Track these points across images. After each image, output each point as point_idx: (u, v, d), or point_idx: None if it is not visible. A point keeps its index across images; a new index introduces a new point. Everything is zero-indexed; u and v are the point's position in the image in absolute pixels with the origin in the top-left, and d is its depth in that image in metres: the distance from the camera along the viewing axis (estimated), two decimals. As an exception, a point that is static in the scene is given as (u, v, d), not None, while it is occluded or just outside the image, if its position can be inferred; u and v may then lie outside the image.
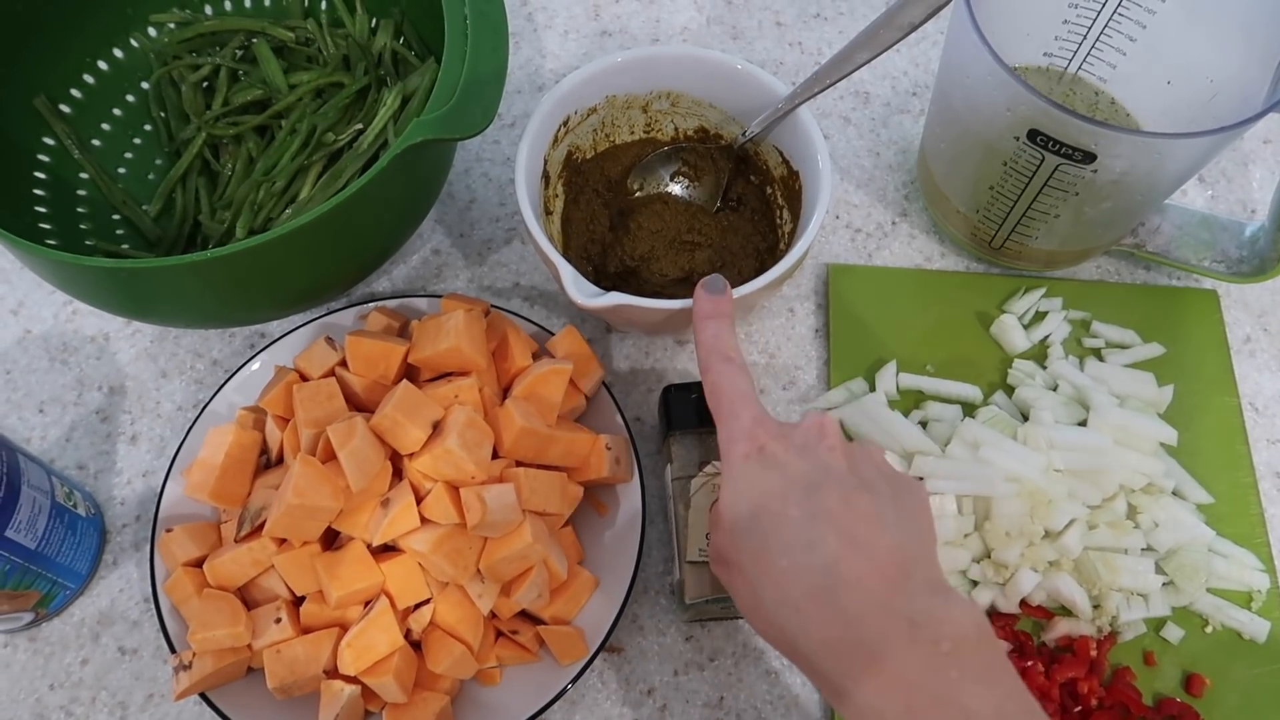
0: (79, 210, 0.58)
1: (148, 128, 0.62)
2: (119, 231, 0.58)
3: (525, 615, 0.48)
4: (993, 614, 0.51)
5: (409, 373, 0.50)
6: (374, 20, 0.61)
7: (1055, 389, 0.56)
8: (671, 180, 0.60)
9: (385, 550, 0.46)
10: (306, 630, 0.45)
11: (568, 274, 0.48)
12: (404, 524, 0.44)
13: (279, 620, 0.45)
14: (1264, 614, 0.51)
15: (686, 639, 0.51)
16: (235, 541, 0.46)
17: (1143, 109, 0.60)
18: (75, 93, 0.59)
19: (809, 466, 0.37)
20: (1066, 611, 0.51)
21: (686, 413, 0.50)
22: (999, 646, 0.34)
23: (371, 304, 0.55)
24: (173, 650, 0.46)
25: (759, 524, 0.37)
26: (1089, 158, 0.48)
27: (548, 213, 0.57)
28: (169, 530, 0.48)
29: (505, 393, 0.50)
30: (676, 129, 0.60)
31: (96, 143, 0.60)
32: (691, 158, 0.60)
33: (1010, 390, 0.57)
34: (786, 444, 0.38)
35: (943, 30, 0.70)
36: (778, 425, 0.39)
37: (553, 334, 0.53)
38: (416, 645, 0.46)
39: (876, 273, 0.61)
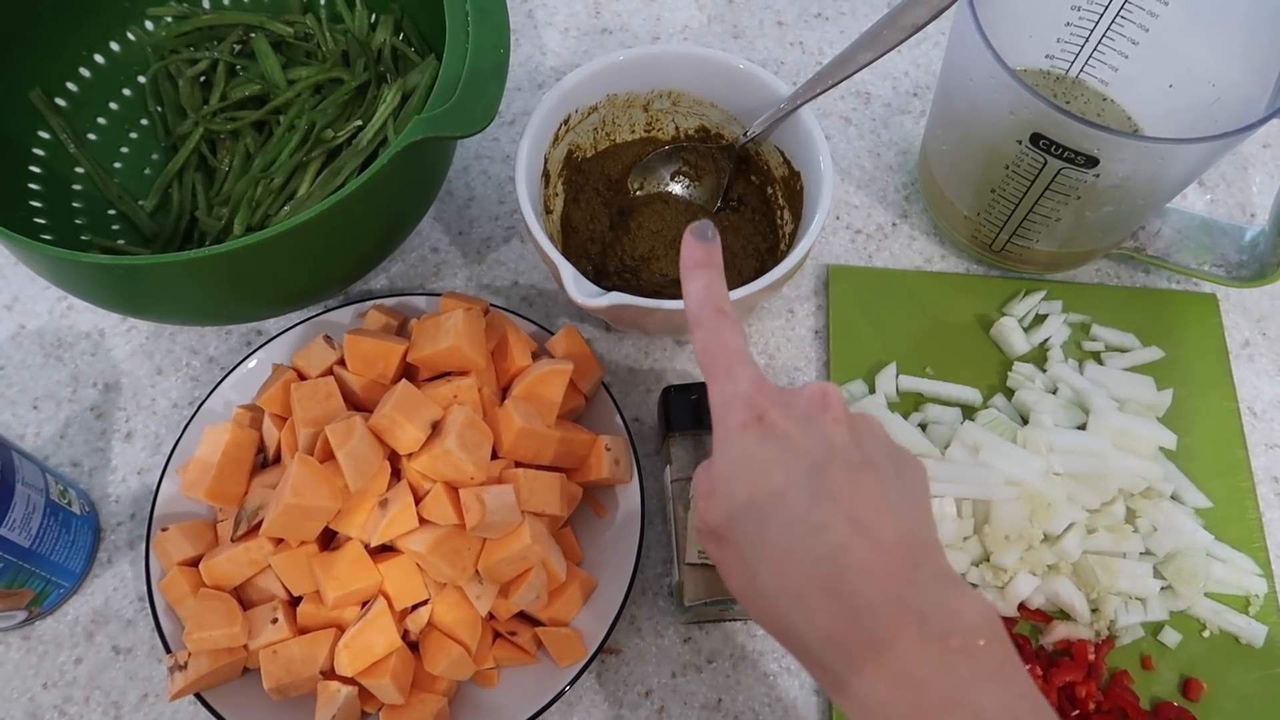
0: (74, 205, 0.57)
1: (144, 122, 0.61)
2: (115, 227, 0.58)
3: (523, 616, 0.48)
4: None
5: (408, 372, 0.50)
6: (373, 16, 0.61)
7: (1055, 392, 0.56)
8: (672, 180, 0.60)
9: (383, 551, 0.46)
10: (303, 631, 0.45)
11: (568, 273, 0.47)
12: (402, 524, 0.44)
13: (275, 620, 0.45)
14: (1261, 619, 0.51)
15: (685, 641, 0.51)
16: (231, 541, 0.46)
17: (1144, 113, 0.60)
18: (71, 86, 0.59)
19: (812, 441, 0.35)
20: (1065, 615, 0.51)
21: (686, 414, 0.50)
22: (1009, 642, 0.33)
23: (369, 302, 0.54)
24: (168, 650, 0.46)
25: (757, 502, 0.34)
26: (1092, 162, 0.48)
27: (547, 211, 0.56)
28: (164, 529, 0.47)
29: (504, 393, 0.50)
30: (677, 128, 0.60)
31: (92, 137, 0.60)
32: (692, 157, 0.59)
33: (1010, 393, 0.57)
34: (788, 413, 0.36)
35: (944, 31, 0.70)
36: (778, 391, 0.37)
37: (552, 333, 0.53)
38: (414, 646, 0.46)
39: (876, 274, 0.61)
